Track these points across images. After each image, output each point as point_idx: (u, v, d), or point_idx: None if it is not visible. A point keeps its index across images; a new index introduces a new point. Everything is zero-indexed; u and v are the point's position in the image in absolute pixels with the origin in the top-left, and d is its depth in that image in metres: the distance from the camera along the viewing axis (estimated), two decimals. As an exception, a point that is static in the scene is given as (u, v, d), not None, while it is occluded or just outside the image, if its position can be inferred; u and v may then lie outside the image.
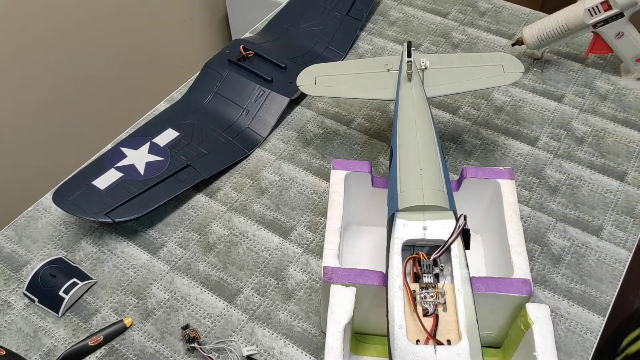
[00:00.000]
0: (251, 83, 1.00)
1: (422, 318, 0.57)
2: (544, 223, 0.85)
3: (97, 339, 0.73)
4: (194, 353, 0.72)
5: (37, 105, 1.47)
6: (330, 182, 0.75)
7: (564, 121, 0.99)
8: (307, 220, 0.86)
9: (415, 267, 0.61)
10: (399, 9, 1.22)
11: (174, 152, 0.91)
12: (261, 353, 0.72)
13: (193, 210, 0.88)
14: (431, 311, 0.57)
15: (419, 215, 0.64)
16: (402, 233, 0.63)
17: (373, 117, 1.01)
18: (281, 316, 0.76)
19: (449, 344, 0.55)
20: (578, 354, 0.72)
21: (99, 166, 0.88)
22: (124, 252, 0.83)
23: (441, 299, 0.58)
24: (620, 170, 0.91)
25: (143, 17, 1.64)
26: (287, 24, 1.15)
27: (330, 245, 0.68)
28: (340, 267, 0.65)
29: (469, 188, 0.75)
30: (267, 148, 0.96)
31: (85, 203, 0.82)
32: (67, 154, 1.53)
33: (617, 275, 0.79)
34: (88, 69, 1.54)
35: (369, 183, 0.76)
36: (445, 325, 0.57)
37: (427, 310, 0.57)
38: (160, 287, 0.79)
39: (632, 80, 1.05)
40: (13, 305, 0.78)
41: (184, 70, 1.70)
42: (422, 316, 0.57)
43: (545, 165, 0.92)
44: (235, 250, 0.83)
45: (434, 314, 0.57)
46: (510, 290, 0.63)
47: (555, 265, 0.80)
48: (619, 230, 0.84)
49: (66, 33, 1.45)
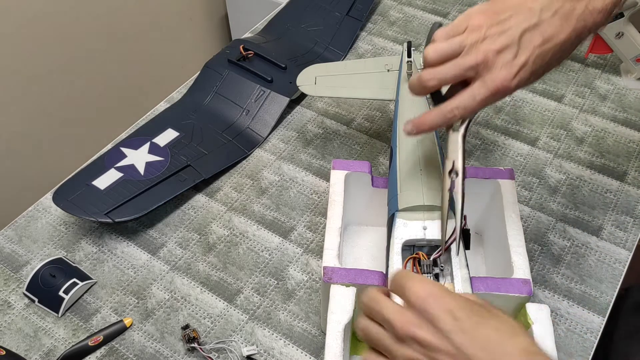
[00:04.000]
0: (251, 83, 1.00)
1: None
2: (544, 223, 0.85)
3: (97, 339, 0.73)
4: (194, 353, 0.72)
5: (37, 105, 1.47)
6: (330, 182, 0.75)
7: (564, 121, 0.99)
8: (307, 220, 0.86)
9: (415, 267, 0.61)
10: (399, 9, 1.22)
11: (174, 152, 0.91)
12: (261, 353, 0.72)
13: (193, 210, 0.88)
14: None
15: (419, 215, 0.65)
16: (402, 233, 0.63)
17: (373, 117, 1.01)
18: (281, 316, 0.76)
19: None
20: (578, 354, 0.72)
21: (99, 166, 0.88)
22: (124, 252, 0.83)
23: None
24: (620, 170, 0.91)
25: (143, 17, 1.64)
26: (287, 24, 1.15)
27: (330, 245, 0.68)
28: (340, 267, 0.65)
29: (469, 188, 0.74)
30: (267, 148, 0.96)
31: (85, 203, 0.82)
32: (67, 154, 1.53)
33: (617, 275, 0.79)
34: (88, 69, 1.55)
35: (369, 183, 0.76)
36: None
37: None
38: (160, 287, 0.79)
39: (632, 80, 1.05)
40: (13, 305, 0.78)
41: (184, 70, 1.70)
42: None
43: (545, 165, 0.92)
44: (235, 250, 0.83)
45: None
46: (510, 290, 0.63)
47: (555, 265, 0.80)
48: (619, 230, 0.84)
49: (66, 33, 1.45)
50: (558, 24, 0.55)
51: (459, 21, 0.57)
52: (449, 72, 0.55)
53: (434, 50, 0.56)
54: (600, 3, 0.56)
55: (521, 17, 0.55)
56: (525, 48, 0.55)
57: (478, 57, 0.54)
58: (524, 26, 0.55)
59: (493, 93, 0.55)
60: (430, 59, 0.56)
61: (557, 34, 0.55)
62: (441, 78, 0.56)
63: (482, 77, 0.55)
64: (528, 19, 0.55)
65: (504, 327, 0.44)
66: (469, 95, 0.55)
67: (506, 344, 0.43)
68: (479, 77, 0.55)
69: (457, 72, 0.55)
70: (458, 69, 0.55)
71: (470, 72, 0.55)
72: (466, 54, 0.55)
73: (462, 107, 0.56)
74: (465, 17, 0.57)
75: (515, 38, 0.55)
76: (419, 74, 0.57)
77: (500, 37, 0.55)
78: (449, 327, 0.43)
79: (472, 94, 0.55)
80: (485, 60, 0.54)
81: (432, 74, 0.56)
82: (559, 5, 0.55)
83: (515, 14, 0.55)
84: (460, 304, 0.45)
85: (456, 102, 0.56)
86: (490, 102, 0.56)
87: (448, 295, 0.45)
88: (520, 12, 0.55)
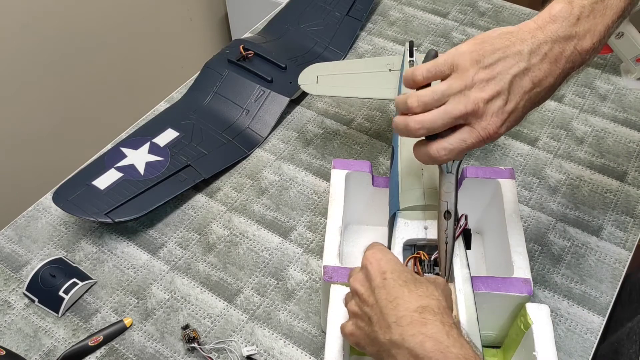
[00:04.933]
0: (251, 83, 1.00)
1: None
2: (544, 223, 0.85)
3: (97, 339, 0.73)
4: (194, 353, 0.72)
5: (37, 105, 1.47)
6: (331, 181, 0.75)
7: (564, 121, 0.99)
8: (307, 220, 0.86)
9: (416, 267, 0.61)
10: (399, 9, 1.22)
11: (174, 152, 0.91)
12: (261, 353, 0.72)
13: (193, 210, 0.88)
14: None
15: (420, 215, 0.65)
16: (403, 232, 0.64)
17: (373, 117, 1.01)
18: (281, 316, 0.76)
19: None
20: (578, 354, 0.72)
21: (99, 166, 0.88)
22: (124, 252, 0.83)
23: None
24: (620, 170, 0.91)
25: (143, 17, 1.64)
26: (287, 24, 1.15)
27: (331, 244, 0.68)
28: (340, 267, 0.65)
29: (469, 188, 0.75)
30: (267, 148, 0.96)
31: (85, 203, 0.82)
32: (67, 154, 1.53)
33: (617, 275, 0.79)
34: (88, 69, 1.55)
35: (369, 182, 0.76)
36: None
37: None
38: (160, 287, 0.79)
39: (632, 80, 1.05)
40: (13, 305, 0.78)
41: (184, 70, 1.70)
42: None
43: (545, 166, 0.92)
44: (235, 250, 0.83)
45: None
46: (510, 289, 0.63)
47: (555, 265, 0.80)
48: (619, 230, 0.84)
49: (66, 33, 1.45)
50: (547, 68, 0.54)
51: (444, 61, 0.55)
52: (437, 121, 0.54)
53: (418, 101, 0.55)
54: (589, 42, 0.54)
55: (510, 62, 0.53)
56: (515, 94, 0.54)
57: (468, 107, 0.53)
58: (513, 72, 0.53)
59: (483, 140, 0.54)
60: (413, 109, 0.55)
61: (546, 78, 0.54)
62: (429, 127, 0.54)
63: (472, 124, 0.54)
64: (517, 63, 0.53)
65: (419, 290, 0.51)
66: (458, 140, 0.55)
67: (410, 302, 0.49)
68: (468, 124, 0.54)
69: (445, 121, 0.54)
70: (447, 118, 0.54)
71: (459, 120, 0.54)
72: (456, 102, 0.53)
73: (449, 150, 0.55)
74: (450, 57, 0.55)
75: (505, 85, 0.53)
76: (406, 122, 0.55)
77: (490, 84, 0.53)
78: (376, 284, 0.52)
79: (461, 138, 0.54)
80: (476, 110, 0.53)
81: (420, 122, 0.54)
82: (547, 48, 0.53)
83: (503, 58, 0.53)
84: (393, 267, 0.53)
85: (445, 144, 0.55)
86: (478, 147, 0.55)
87: (387, 260, 0.53)
88: (508, 56, 0.53)
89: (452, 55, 0.55)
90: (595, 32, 0.55)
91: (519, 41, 0.54)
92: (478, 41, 0.55)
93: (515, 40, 0.54)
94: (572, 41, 0.54)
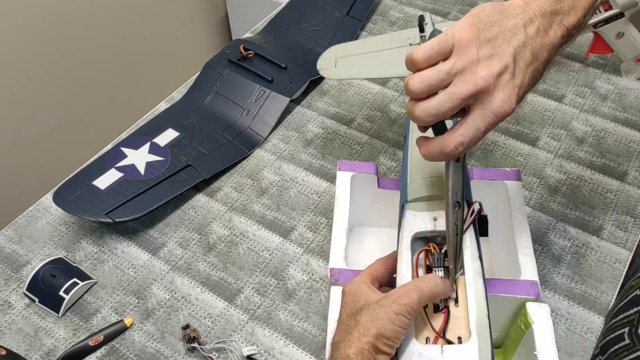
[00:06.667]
0: (251, 83, 1.00)
1: (431, 315, 0.55)
2: (544, 223, 0.85)
3: (98, 339, 0.73)
4: (194, 353, 0.72)
5: (37, 105, 1.47)
6: (336, 183, 0.74)
7: (564, 121, 0.99)
8: (308, 220, 0.86)
9: (428, 260, 0.58)
10: (399, 9, 1.22)
11: (174, 152, 0.91)
12: (261, 353, 0.72)
13: (193, 210, 0.88)
14: (442, 306, 0.55)
15: (428, 206, 0.61)
16: (411, 225, 0.60)
17: (373, 117, 1.01)
18: (281, 316, 0.76)
19: (460, 341, 0.53)
20: (578, 354, 0.71)
21: (99, 166, 0.88)
22: (124, 252, 0.83)
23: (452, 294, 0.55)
24: (621, 170, 0.91)
25: (143, 17, 1.64)
26: (287, 24, 1.15)
27: (337, 247, 0.68)
28: (347, 269, 0.65)
29: (475, 190, 0.74)
30: (267, 148, 0.96)
31: (86, 203, 0.82)
32: (67, 154, 1.53)
33: (618, 275, 0.79)
34: (88, 69, 1.55)
35: (374, 184, 0.76)
36: (457, 321, 0.54)
37: (438, 306, 0.55)
38: (161, 287, 0.79)
39: (633, 80, 1.05)
40: (13, 305, 0.78)
41: (184, 70, 1.70)
42: (432, 312, 0.55)
43: (546, 165, 0.92)
44: (236, 250, 0.83)
45: (445, 308, 0.55)
46: (517, 292, 0.62)
47: (555, 265, 0.80)
48: (619, 230, 0.84)
49: (66, 33, 1.45)
50: (541, 41, 0.53)
51: (444, 39, 0.51)
52: (445, 105, 0.50)
53: (420, 80, 0.51)
54: (573, 18, 0.54)
55: (508, 35, 0.52)
56: (521, 67, 0.52)
57: (478, 84, 0.50)
58: (514, 45, 0.52)
59: (498, 120, 0.51)
60: (416, 91, 0.51)
61: (541, 51, 0.53)
62: (437, 114, 0.51)
63: (483, 104, 0.51)
64: (515, 36, 0.52)
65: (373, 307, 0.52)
66: (472, 127, 0.51)
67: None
68: (479, 103, 0.51)
69: (454, 103, 0.50)
70: (456, 101, 0.50)
71: (468, 101, 0.51)
72: (463, 81, 0.50)
73: (467, 143, 0.51)
74: (450, 34, 0.52)
75: (510, 59, 0.51)
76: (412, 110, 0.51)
77: (494, 59, 0.51)
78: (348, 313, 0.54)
79: (475, 125, 0.51)
80: (487, 87, 0.50)
81: (426, 110, 0.51)
82: (538, 22, 0.53)
83: (502, 32, 0.52)
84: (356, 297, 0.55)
85: (459, 137, 0.51)
86: (492, 129, 0.52)
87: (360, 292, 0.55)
88: (505, 29, 0.52)
89: (451, 32, 0.52)
90: (579, 8, 0.55)
91: (512, 15, 0.53)
92: (473, 14, 0.53)
93: (509, 15, 0.53)
94: (557, 16, 0.54)
